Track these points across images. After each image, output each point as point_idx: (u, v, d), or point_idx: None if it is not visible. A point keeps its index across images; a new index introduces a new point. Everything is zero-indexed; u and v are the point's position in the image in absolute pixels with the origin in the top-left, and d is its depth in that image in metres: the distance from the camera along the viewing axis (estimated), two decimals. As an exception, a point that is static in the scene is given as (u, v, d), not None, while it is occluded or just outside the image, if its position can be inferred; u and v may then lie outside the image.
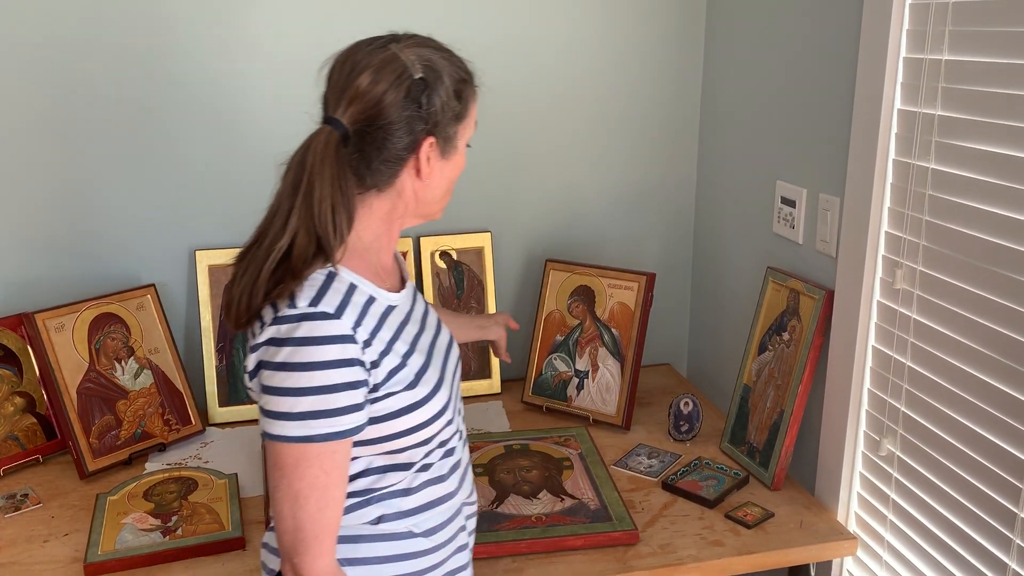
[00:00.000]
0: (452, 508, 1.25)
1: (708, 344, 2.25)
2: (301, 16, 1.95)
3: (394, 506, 1.19)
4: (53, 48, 1.85)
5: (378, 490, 1.18)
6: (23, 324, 1.85)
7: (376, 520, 1.18)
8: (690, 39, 2.15)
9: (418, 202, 1.18)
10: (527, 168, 2.16)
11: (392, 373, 1.13)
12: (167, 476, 1.76)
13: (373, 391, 1.11)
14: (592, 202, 2.22)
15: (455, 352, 1.31)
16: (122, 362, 1.89)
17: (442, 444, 1.22)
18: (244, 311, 1.09)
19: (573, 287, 2.10)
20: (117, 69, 1.89)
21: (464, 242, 2.14)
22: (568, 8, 2.07)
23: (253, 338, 1.10)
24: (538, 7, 2.06)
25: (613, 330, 2.03)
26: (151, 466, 1.84)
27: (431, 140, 1.12)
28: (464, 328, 1.73)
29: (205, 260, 2.01)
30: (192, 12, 1.90)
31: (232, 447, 1.91)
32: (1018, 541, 1.28)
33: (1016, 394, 1.27)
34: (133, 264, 2.01)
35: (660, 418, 2.03)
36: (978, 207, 1.31)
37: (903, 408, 1.50)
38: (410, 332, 1.20)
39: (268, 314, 1.08)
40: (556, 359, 2.10)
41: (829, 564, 1.70)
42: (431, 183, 1.16)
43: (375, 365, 1.11)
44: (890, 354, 1.52)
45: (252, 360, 1.09)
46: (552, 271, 2.13)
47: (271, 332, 1.07)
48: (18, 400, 1.86)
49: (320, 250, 1.08)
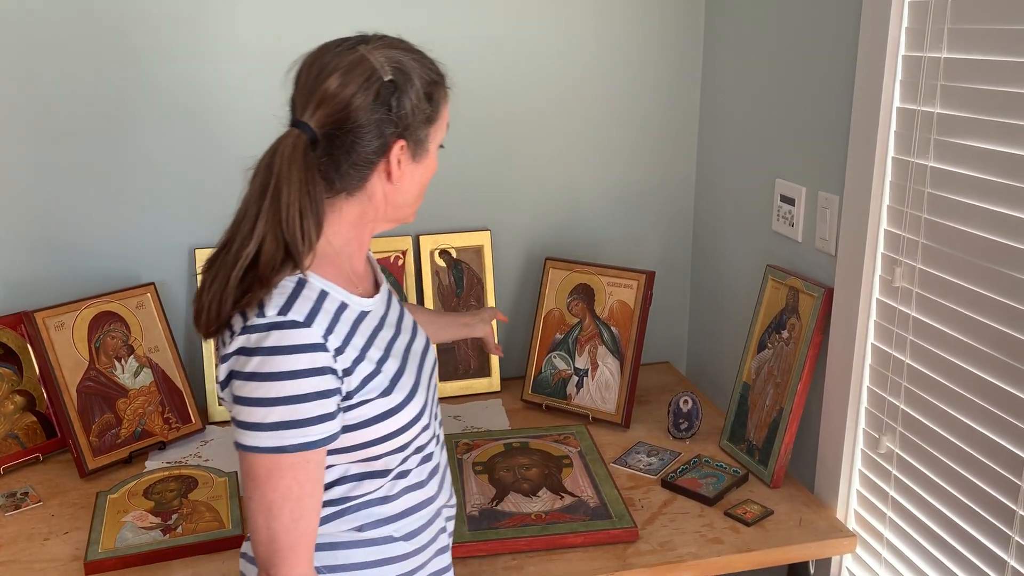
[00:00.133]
0: (432, 512, 1.24)
1: (707, 342, 2.25)
2: (301, 11, 1.95)
3: (373, 514, 1.17)
4: (55, 41, 1.85)
5: (355, 498, 1.16)
6: (23, 322, 1.85)
7: (356, 529, 1.17)
8: (690, 37, 2.15)
9: (389, 205, 1.15)
10: (527, 166, 2.16)
11: (366, 380, 1.11)
12: (167, 474, 1.77)
13: (347, 399, 1.10)
14: (592, 200, 2.22)
15: (431, 355, 1.29)
16: (122, 360, 1.89)
17: (419, 450, 1.20)
18: (214, 319, 1.07)
19: (573, 285, 2.10)
20: (118, 66, 1.89)
21: (464, 240, 2.14)
22: (568, 6, 2.07)
23: (223, 347, 1.08)
24: (537, 5, 2.06)
25: (612, 328, 2.03)
26: (151, 464, 1.84)
27: (401, 143, 1.10)
28: (448, 327, 1.71)
29: (205, 258, 2.00)
30: (193, 8, 1.90)
31: (232, 445, 1.90)
32: (1017, 538, 1.28)
33: (1015, 391, 1.27)
34: (133, 262, 2.01)
35: (659, 416, 2.04)
36: (977, 205, 1.31)
37: (902, 406, 1.50)
38: (384, 337, 1.18)
39: (238, 323, 1.06)
40: (556, 357, 2.10)
41: (828, 561, 1.70)
42: (402, 186, 1.14)
43: (348, 372, 1.09)
44: (889, 352, 1.53)
45: (223, 370, 1.07)
46: (552, 269, 2.13)
47: (241, 341, 1.05)
48: (18, 398, 1.86)
49: (288, 256, 1.06)
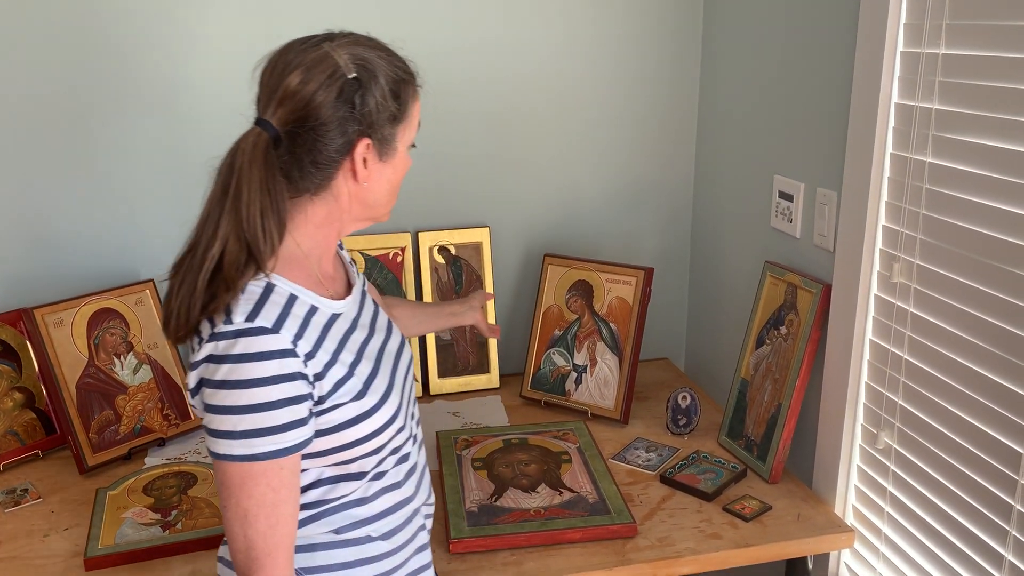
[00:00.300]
0: (409, 512, 1.24)
1: (706, 338, 2.26)
2: (302, 7, 1.95)
3: (351, 516, 1.17)
4: (64, 39, 1.85)
5: (332, 501, 1.16)
6: (22, 319, 1.85)
7: (334, 531, 1.17)
8: (688, 35, 2.15)
9: (357, 205, 1.13)
10: (526, 163, 2.16)
11: (339, 384, 1.10)
12: (167, 471, 1.77)
13: (319, 403, 1.09)
14: (591, 197, 2.22)
15: (407, 355, 1.28)
16: (121, 357, 1.89)
17: (395, 451, 1.19)
18: (183, 325, 1.05)
19: (571, 282, 2.10)
20: (120, 63, 1.89)
21: (463, 237, 2.14)
22: (567, 5, 2.07)
23: (193, 354, 1.06)
24: (536, 4, 2.06)
25: (611, 324, 2.04)
26: (151, 461, 1.84)
27: (366, 142, 1.08)
28: (435, 318, 1.70)
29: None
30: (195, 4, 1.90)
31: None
32: (1014, 533, 1.29)
33: (1013, 387, 1.28)
34: (131, 259, 2.01)
35: (658, 412, 2.04)
36: (975, 201, 1.32)
37: (900, 401, 1.51)
38: (357, 339, 1.16)
39: (206, 329, 1.05)
40: (554, 354, 2.10)
41: (826, 557, 1.70)
42: (369, 186, 1.12)
43: (319, 377, 1.08)
44: (887, 347, 1.53)
45: (193, 377, 1.06)
46: (550, 266, 2.13)
47: (209, 349, 1.03)
48: (17, 395, 1.86)
49: (251, 257, 1.04)
